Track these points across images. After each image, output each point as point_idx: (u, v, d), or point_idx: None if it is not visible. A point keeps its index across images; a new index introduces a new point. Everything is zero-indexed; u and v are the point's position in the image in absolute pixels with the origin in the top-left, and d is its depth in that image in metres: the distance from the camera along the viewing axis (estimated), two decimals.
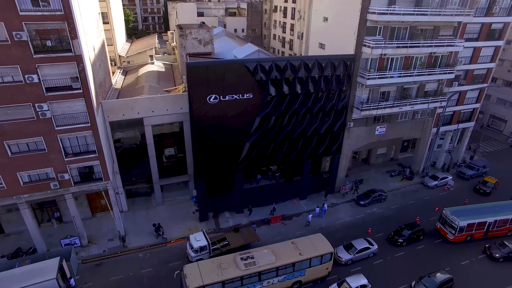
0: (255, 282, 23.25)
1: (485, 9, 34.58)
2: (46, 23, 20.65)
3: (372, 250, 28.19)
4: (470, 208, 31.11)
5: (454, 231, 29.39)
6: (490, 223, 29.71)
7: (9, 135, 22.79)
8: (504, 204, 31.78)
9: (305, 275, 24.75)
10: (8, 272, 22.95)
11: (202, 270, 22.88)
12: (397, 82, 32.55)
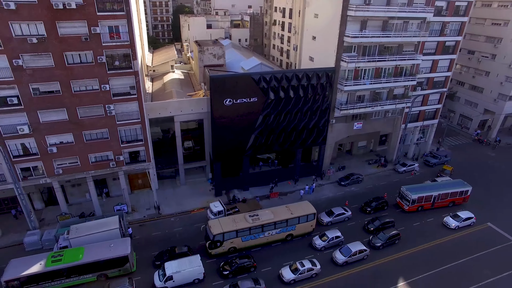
0: (259, 232, 33.00)
1: (439, 30, 44.43)
2: (117, 50, 30.52)
3: (346, 215, 37.99)
4: (421, 185, 40.92)
5: (408, 203, 39.15)
6: (435, 196, 39.45)
7: (86, 127, 32.67)
8: (446, 183, 41.58)
9: (295, 229, 34.50)
10: (85, 223, 32.78)
11: (221, 223, 32.70)
12: (369, 88, 42.41)
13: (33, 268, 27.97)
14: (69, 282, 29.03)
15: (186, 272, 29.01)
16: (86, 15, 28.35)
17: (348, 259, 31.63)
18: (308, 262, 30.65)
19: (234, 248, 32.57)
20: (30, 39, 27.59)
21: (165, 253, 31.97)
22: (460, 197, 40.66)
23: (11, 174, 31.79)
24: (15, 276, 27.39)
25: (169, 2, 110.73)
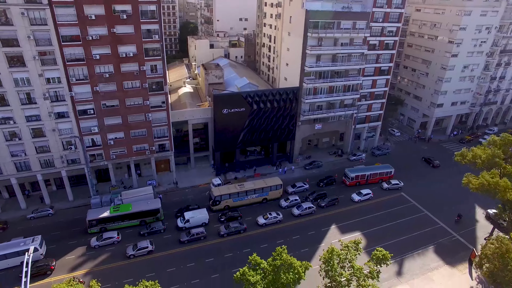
0: (243, 196, 50.86)
1: (375, 59, 62.40)
2: (155, 79, 48.41)
3: (305, 187, 55.98)
4: (359, 167, 58.94)
5: (349, 180, 57.14)
6: (368, 175, 57.44)
7: (132, 128, 50.53)
8: (376, 166, 59.66)
9: (269, 195, 52.36)
10: (130, 190, 50.71)
11: (220, 189, 50.71)
12: (324, 100, 60.40)
13: (103, 214, 45.83)
14: (123, 224, 46.83)
15: (197, 217, 46.97)
16: (138, 59, 46.21)
17: (301, 212, 49.62)
18: (275, 213, 48.64)
19: (228, 206, 50.55)
20: (104, 74, 45.46)
21: (183, 209, 49.87)
22: (386, 176, 58.67)
23: (85, 158, 49.64)
24: (94, 218, 45.23)
25: (176, 19, 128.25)
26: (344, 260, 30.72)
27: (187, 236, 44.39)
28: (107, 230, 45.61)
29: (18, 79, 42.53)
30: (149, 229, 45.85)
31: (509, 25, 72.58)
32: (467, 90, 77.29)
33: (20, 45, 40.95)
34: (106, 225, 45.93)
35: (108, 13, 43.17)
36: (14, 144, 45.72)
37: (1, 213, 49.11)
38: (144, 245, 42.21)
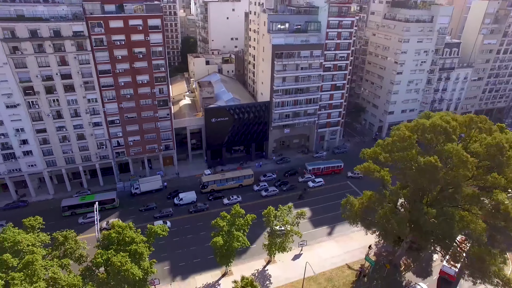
0: (225, 182, 70.78)
1: (331, 78, 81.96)
2: (162, 98, 68.78)
3: (273, 177, 75.94)
4: (316, 162, 78.70)
5: (308, 171, 76.95)
6: (323, 168, 77.17)
7: (146, 132, 71.01)
8: (329, 161, 79.38)
9: (243, 182, 72.13)
10: (144, 178, 71.27)
11: (208, 177, 70.99)
12: (290, 110, 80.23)
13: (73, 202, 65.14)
14: (88, 209, 66.95)
15: (188, 197, 67.23)
16: (150, 85, 66.64)
17: (267, 194, 69.61)
18: (236, 196, 68.15)
19: (213, 189, 70.55)
20: (126, 95, 65.91)
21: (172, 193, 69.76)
22: (337, 169, 78.32)
23: (112, 155, 70.17)
24: (66, 204, 63.44)
25: (178, 34, 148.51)
26: (278, 216, 50.50)
27: (193, 208, 64.88)
28: (77, 214, 62.94)
29: (69, 100, 63.16)
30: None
31: (443, 48, 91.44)
32: (414, 100, 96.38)
33: (72, 77, 61.54)
34: (75, 210, 63.46)
35: (130, 54, 63.60)
36: (65, 145, 66.50)
37: (54, 194, 69.90)
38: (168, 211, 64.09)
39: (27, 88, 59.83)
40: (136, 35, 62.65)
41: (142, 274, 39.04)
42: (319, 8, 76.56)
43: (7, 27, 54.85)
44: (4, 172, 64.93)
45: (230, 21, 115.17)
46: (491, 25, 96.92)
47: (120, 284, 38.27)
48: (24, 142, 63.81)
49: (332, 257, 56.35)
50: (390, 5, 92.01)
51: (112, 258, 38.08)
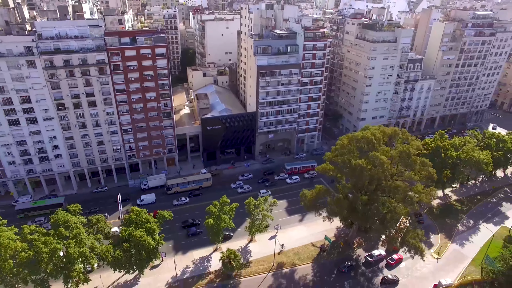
0: (186, 184, 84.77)
1: (308, 91, 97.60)
2: (166, 110, 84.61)
3: (250, 176, 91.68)
4: (293, 163, 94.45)
5: (286, 171, 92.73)
6: (299, 167, 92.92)
7: (153, 139, 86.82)
8: (305, 161, 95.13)
9: (203, 184, 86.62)
10: (151, 176, 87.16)
11: (172, 181, 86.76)
12: (273, 119, 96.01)
13: (25, 206, 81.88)
14: (43, 211, 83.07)
15: (147, 198, 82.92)
16: (156, 100, 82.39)
17: (242, 191, 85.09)
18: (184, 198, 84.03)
19: (177, 191, 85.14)
20: (138, 109, 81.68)
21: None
22: (311, 168, 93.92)
23: (126, 157, 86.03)
24: (19, 208, 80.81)
25: (178, 46, 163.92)
26: (258, 205, 66.13)
27: (177, 201, 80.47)
28: (29, 216, 72.88)
29: (92, 113, 78.93)
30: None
31: (407, 64, 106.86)
32: (383, 108, 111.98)
33: (94, 95, 77.32)
34: (28, 213, 75.26)
35: (141, 76, 79.34)
36: (87, 149, 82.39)
37: (78, 189, 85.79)
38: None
39: (59, 104, 75.65)
40: (146, 61, 78.38)
41: (154, 244, 54.90)
42: (297, 33, 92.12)
43: (48, 58, 70.66)
44: (39, 171, 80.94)
45: (225, 37, 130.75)
46: (449, 43, 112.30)
47: (139, 251, 54.09)
48: (55, 147, 79.76)
49: (301, 237, 72.13)
50: (361, 27, 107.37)
51: (133, 232, 53.94)
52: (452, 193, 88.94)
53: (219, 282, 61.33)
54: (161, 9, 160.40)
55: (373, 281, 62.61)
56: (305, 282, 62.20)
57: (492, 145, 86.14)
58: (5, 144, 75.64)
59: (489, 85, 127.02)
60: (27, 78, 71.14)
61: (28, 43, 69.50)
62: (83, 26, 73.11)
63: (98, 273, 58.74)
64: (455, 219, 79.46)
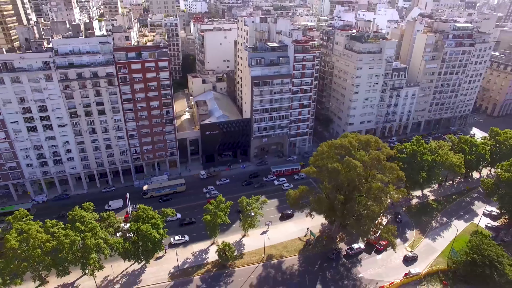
0: (162, 189, 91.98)
1: (299, 99, 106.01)
2: (169, 117, 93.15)
3: (227, 181, 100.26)
4: (279, 165, 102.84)
5: (273, 173, 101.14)
6: (284, 170, 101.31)
7: (156, 143, 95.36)
8: (290, 164, 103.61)
9: (177, 189, 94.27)
10: (155, 177, 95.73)
11: (148, 186, 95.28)
12: (267, 125, 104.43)
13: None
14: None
15: (114, 204, 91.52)
16: (159, 108, 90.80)
17: (211, 196, 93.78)
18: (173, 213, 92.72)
19: (152, 195, 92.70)
20: (142, 116, 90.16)
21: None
22: (296, 170, 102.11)
23: (131, 160, 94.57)
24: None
25: (179, 53, 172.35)
26: (251, 204, 74.49)
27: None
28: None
29: (101, 120, 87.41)
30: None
31: (391, 72, 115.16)
32: (370, 113, 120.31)
33: (104, 104, 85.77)
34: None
35: (145, 87, 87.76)
36: (97, 153, 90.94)
37: (88, 189, 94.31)
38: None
39: (72, 112, 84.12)
40: (150, 73, 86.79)
41: (159, 237, 63.36)
42: (288, 46, 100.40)
43: (63, 72, 79.11)
44: (54, 173, 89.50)
45: (223, 46, 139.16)
46: (432, 52, 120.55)
47: (146, 243, 62.52)
48: (68, 151, 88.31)
49: (289, 233, 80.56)
50: (349, 38, 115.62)
51: (141, 227, 62.41)
52: (430, 193, 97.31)
53: (215, 271, 69.83)
54: (163, 17, 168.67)
55: (352, 272, 71.06)
56: (291, 272, 70.65)
57: (465, 149, 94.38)
58: (24, 149, 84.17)
59: (471, 91, 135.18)
60: (44, 89, 79.65)
61: (46, 59, 78.00)
62: (94, 43, 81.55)
63: (110, 263, 67.22)
64: (430, 217, 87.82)
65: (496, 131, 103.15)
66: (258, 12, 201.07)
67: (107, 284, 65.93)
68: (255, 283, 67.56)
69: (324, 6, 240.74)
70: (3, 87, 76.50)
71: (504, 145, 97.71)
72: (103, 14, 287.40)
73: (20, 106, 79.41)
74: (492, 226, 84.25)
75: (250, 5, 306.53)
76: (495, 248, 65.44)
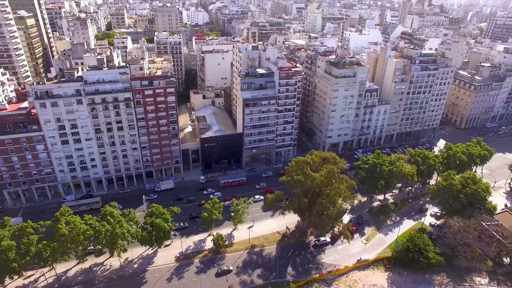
0: (79, 207, 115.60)
1: (283, 116, 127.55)
2: (174, 133, 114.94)
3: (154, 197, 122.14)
4: (226, 177, 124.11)
5: (221, 184, 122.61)
6: (231, 181, 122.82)
7: (163, 153, 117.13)
8: (236, 176, 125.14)
9: (93, 206, 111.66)
10: (162, 181, 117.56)
11: (66, 203, 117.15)
12: (256, 138, 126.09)
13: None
14: None
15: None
16: (167, 125, 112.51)
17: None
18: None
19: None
20: (153, 131, 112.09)
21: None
22: (242, 182, 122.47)
23: (143, 167, 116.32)
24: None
25: (182, 68, 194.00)
26: (240, 204, 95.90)
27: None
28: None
29: (120, 135, 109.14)
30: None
31: (365, 93, 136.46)
32: (347, 128, 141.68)
33: (122, 123, 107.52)
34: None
35: (156, 108, 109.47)
36: (115, 161, 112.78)
37: (107, 190, 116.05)
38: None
39: (97, 129, 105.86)
40: (159, 97, 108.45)
41: (168, 228, 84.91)
42: (274, 72, 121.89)
43: (90, 97, 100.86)
44: (80, 177, 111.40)
45: (221, 66, 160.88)
46: (401, 75, 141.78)
47: (158, 232, 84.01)
48: (92, 160, 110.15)
49: (271, 228, 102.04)
50: (328, 64, 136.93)
51: (155, 220, 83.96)
52: (391, 197, 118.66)
53: (211, 256, 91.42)
54: (168, 36, 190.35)
55: (317, 258, 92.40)
56: (270, 257, 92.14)
57: (419, 161, 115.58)
58: (58, 158, 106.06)
59: (437, 107, 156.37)
60: (76, 111, 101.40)
61: (78, 87, 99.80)
62: (115, 73, 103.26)
63: (130, 248, 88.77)
64: (387, 216, 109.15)
65: (449, 145, 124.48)
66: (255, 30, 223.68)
67: (128, 264, 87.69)
68: (240, 266, 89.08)
69: (316, 22, 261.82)
70: (44, 110, 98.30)
71: (453, 158, 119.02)
72: (111, 23, 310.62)
73: (56, 125, 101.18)
74: (435, 224, 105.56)
75: (248, 17, 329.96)
76: (424, 239, 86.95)
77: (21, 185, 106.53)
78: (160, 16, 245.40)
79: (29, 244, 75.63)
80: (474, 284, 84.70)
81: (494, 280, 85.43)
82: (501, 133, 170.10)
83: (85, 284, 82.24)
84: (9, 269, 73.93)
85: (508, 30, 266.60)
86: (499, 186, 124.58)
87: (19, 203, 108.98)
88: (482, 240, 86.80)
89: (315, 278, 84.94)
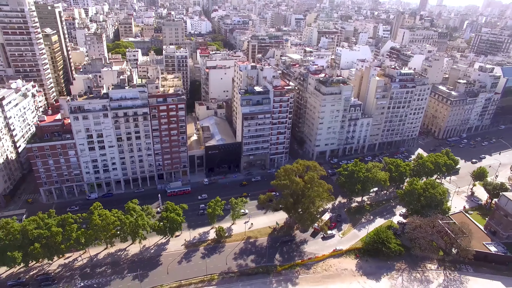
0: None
1: (277, 128, 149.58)
2: (182, 142, 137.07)
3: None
4: (174, 186, 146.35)
5: (168, 193, 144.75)
6: (177, 191, 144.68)
7: (174, 159, 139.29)
8: (182, 186, 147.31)
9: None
10: (172, 182, 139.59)
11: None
12: (253, 146, 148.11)
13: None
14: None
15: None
16: (177, 135, 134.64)
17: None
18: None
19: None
20: (165, 140, 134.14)
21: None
22: (187, 191, 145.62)
23: (156, 170, 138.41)
24: None
25: (188, 79, 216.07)
26: (239, 202, 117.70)
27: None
28: None
29: (137, 143, 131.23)
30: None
31: (349, 108, 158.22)
32: (333, 138, 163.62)
33: (139, 133, 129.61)
34: None
35: (168, 121, 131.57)
36: (132, 165, 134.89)
37: (125, 189, 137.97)
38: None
39: (118, 138, 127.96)
40: (172, 112, 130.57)
41: (180, 221, 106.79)
42: (270, 90, 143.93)
43: (115, 112, 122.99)
44: (103, 178, 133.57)
45: (223, 80, 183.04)
46: (382, 92, 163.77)
47: (172, 224, 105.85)
48: (113, 163, 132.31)
49: (263, 223, 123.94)
50: (318, 82, 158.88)
51: (169, 215, 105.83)
52: (367, 199, 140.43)
53: (213, 244, 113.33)
54: (175, 50, 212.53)
55: (300, 247, 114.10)
56: (261, 247, 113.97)
57: (392, 169, 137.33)
58: (85, 161, 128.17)
59: (416, 120, 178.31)
60: (102, 123, 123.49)
61: (104, 103, 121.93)
62: (135, 92, 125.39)
63: (147, 237, 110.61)
64: (362, 215, 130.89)
65: (420, 155, 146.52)
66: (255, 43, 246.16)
67: (146, 249, 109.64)
68: (237, 252, 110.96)
69: (313, 36, 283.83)
70: (77, 122, 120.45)
71: (423, 166, 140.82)
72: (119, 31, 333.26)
73: (86, 134, 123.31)
74: (402, 222, 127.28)
75: (249, 26, 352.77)
76: (388, 233, 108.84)
77: (54, 184, 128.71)
78: (168, 29, 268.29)
79: (71, 231, 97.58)
80: (426, 269, 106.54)
81: (441, 266, 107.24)
82: (461, 146, 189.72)
83: (112, 264, 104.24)
84: (57, 250, 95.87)
85: (491, 46, 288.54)
86: (462, 191, 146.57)
87: (52, 199, 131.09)
88: (434, 234, 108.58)
89: (297, 263, 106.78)
